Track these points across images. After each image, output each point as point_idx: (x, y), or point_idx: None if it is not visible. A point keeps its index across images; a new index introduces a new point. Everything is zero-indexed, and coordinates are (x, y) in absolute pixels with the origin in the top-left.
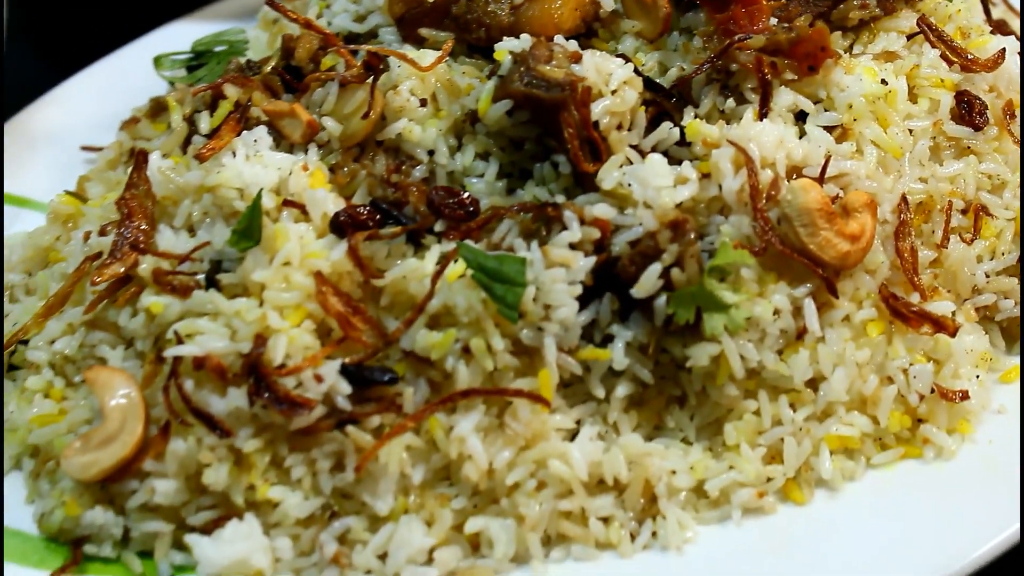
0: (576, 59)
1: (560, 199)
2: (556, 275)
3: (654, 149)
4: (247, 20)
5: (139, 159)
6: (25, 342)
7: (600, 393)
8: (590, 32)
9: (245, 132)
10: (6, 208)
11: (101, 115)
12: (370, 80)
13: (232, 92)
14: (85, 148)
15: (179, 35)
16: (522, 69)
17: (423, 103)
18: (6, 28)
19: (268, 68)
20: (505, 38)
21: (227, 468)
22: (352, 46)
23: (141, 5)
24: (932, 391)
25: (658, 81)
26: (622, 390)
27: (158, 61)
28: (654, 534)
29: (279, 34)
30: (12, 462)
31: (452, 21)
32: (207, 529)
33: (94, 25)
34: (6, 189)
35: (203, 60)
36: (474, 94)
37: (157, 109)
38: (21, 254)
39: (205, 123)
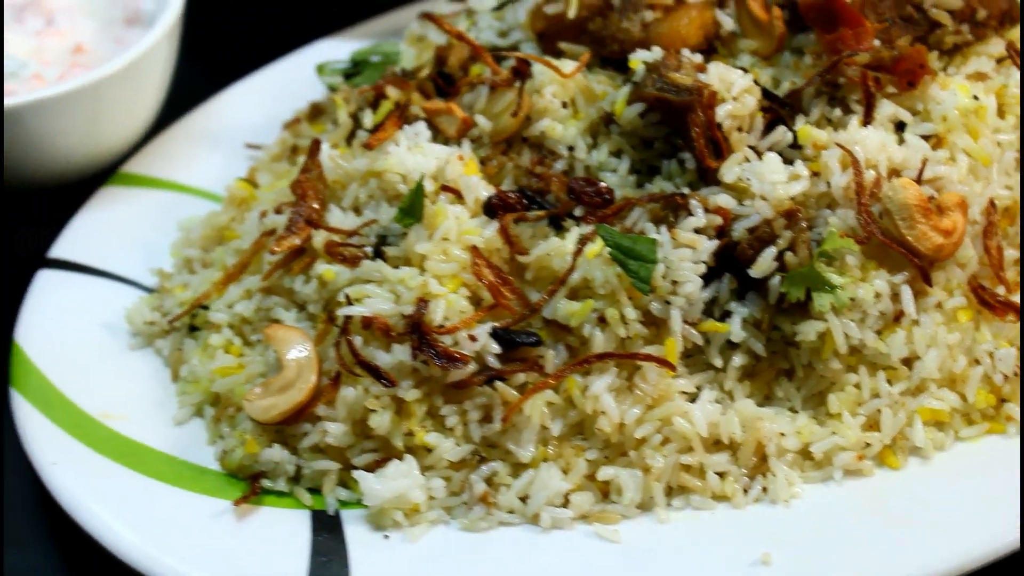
0: (701, 69)
1: (686, 191)
2: (683, 255)
3: (770, 150)
4: (390, 38)
5: (313, 147)
6: (205, 307)
7: (718, 363)
8: (710, 49)
9: (406, 126)
10: (181, 195)
11: (260, 119)
12: (518, 84)
13: (392, 92)
14: (249, 146)
15: (328, 51)
16: (654, 76)
17: (564, 105)
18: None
19: (423, 74)
20: (637, 50)
21: (389, 415)
22: (501, 54)
23: (294, 26)
24: (1015, 373)
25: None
26: (737, 360)
27: (320, 68)
28: (764, 489)
29: (425, 50)
30: (194, 409)
31: (588, 36)
32: (370, 468)
33: (251, 42)
34: (181, 179)
35: (360, 69)
36: (609, 99)
37: (316, 112)
38: (199, 232)
39: (368, 119)
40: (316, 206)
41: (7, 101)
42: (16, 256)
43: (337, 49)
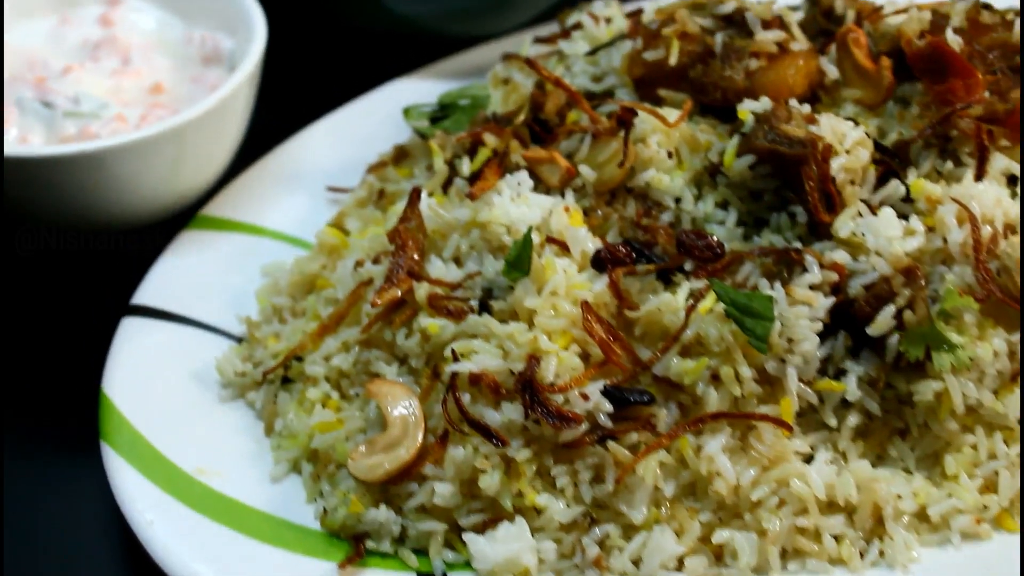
0: (812, 120)
1: (798, 246)
2: (799, 312)
3: (882, 204)
4: (468, 79)
5: (413, 196)
6: (300, 359)
7: (833, 422)
8: (813, 98)
9: (508, 175)
10: (262, 239)
11: (340, 160)
12: (622, 133)
13: (490, 140)
14: (331, 189)
15: (406, 91)
16: (765, 127)
17: (669, 155)
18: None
19: (519, 120)
20: (745, 100)
21: (499, 475)
22: (603, 103)
23: (370, 65)
24: None
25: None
26: (852, 420)
27: (407, 112)
28: (881, 553)
29: (512, 92)
30: (290, 465)
31: (689, 83)
32: (479, 529)
33: (328, 81)
34: (262, 223)
35: (448, 112)
36: (715, 149)
37: (401, 155)
38: (287, 279)
39: (466, 166)
40: (416, 257)
41: (94, 144)
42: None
43: (415, 88)
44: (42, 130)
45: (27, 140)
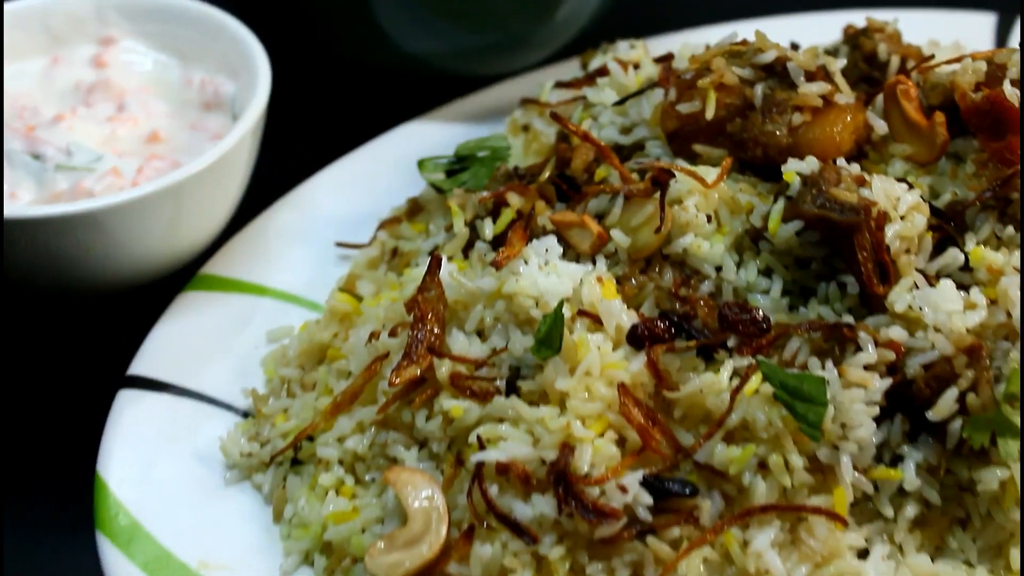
0: (862, 183)
1: (847, 319)
2: (854, 395)
3: (939, 274)
4: (484, 121)
5: (433, 263)
6: (311, 438)
7: (889, 512)
8: (860, 154)
9: (535, 240)
10: (268, 300)
11: (349, 211)
12: (657, 194)
13: (514, 200)
14: (340, 245)
15: (418, 135)
16: (813, 191)
17: (709, 218)
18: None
19: (544, 177)
20: (790, 160)
21: (530, 574)
22: (639, 163)
23: (379, 108)
24: None
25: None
26: (910, 510)
27: (422, 164)
28: None
29: (533, 141)
30: (302, 557)
31: (727, 139)
32: None
33: (333, 125)
34: (267, 282)
35: (466, 164)
36: (757, 212)
37: (415, 209)
38: (296, 348)
39: (488, 229)
40: (436, 330)
41: (89, 204)
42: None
43: (428, 132)
44: (32, 185)
45: (16, 196)
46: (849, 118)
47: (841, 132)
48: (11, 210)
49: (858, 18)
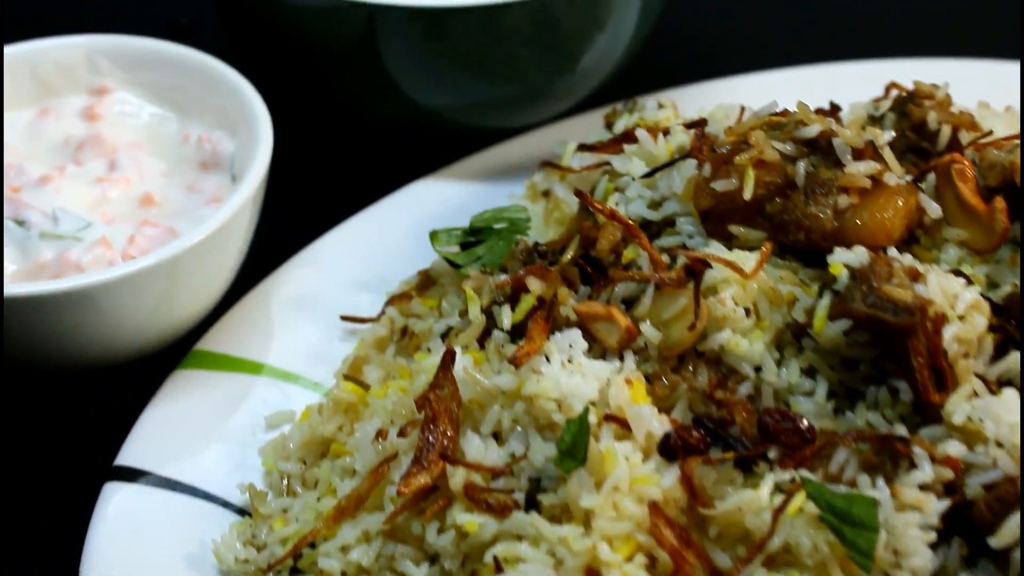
0: (917, 276)
1: (900, 428)
2: (908, 519)
3: (1000, 380)
4: (499, 178)
5: (446, 359)
6: (312, 545)
7: None
8: (911, 238)
9: (557, 333)
10: (267, 380)
11: (353, 280)
12: (691, 286)
13: (535, 286)
14: (345, 319)
15: (426, 194)
16: (863, 288)
17: (748, 312)
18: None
19: (567, 258)
20: (836, 250)
21: None
22: (672, 249)
23: (384, 165)
24: None
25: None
26: None
27: (434, 236)
28: None
29: (554, 210)
30: None
31: (766, 220)
32: None
33: (335, 183)
34: (266, 359)
35: (482, 237)
36: (799, 305)
37: (426, 282)
38: (297, 440)
39: (506, 317)
40: (449, 432)
41: (76, 281)
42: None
43: (439, 191)
44: (14, 254)
45: None
46: (901, 202)
47: (892, 218)
48: None
49: (890, 69)
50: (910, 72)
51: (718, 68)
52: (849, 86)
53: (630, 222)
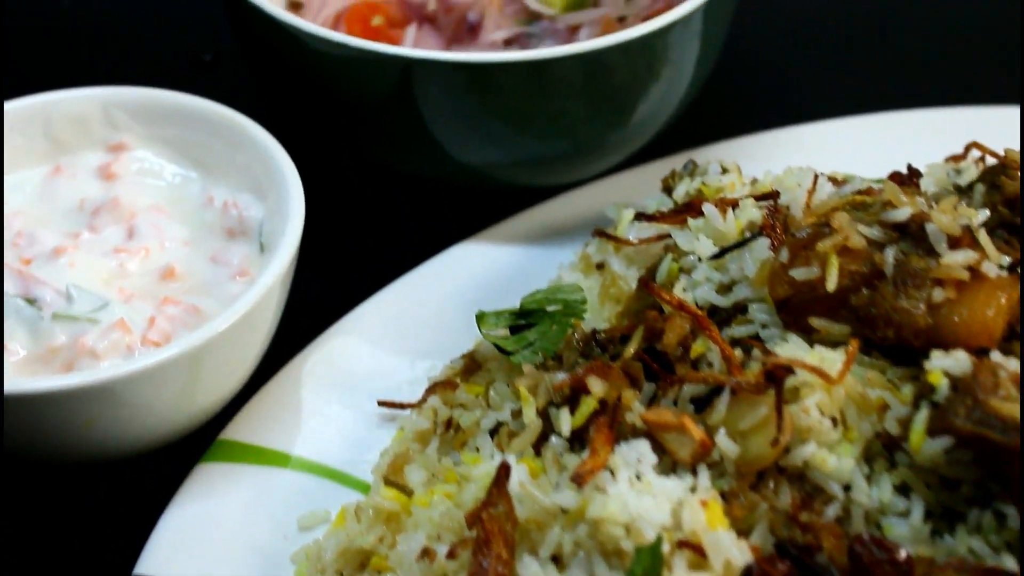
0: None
1: (1007, 559)
2: None
3: None
4: (548, 241)
5: (501, 475)
6: None
7: None
8: (1011, 334)
9: (623, 443)
10: (297, 474)
11: (391, 359)
12: (772, 392)
13: (596, 387)
14: (383, 404)
15: (469, 257)
16: (968, 401)
17: (834, 422)
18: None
19: (630, 351)
20: (934, 354)
21: None
22: (746, 340)
23: (423, 224)
24: None
25: None
26: None
27: (481, 319)
28: None
29: (611, 286)
30: None
31: (851, 312)
32: None
33: (369, 246)
34: (296, 450)
35: (533, 320)
36: (891, 414)
37: (472, 367)
38: (334, 550)
39: (565, 422)
40: (504, 555)
41: (91, 376)
42: None
43: (484, 254)
44: (25, 337)
45: (6, 349)
46: (1003, 299)
47: (994, 316)
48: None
49: (950, 117)
50: (971, 121)
51: (776, 115)
52: (914, 134)
53: (700, 313)
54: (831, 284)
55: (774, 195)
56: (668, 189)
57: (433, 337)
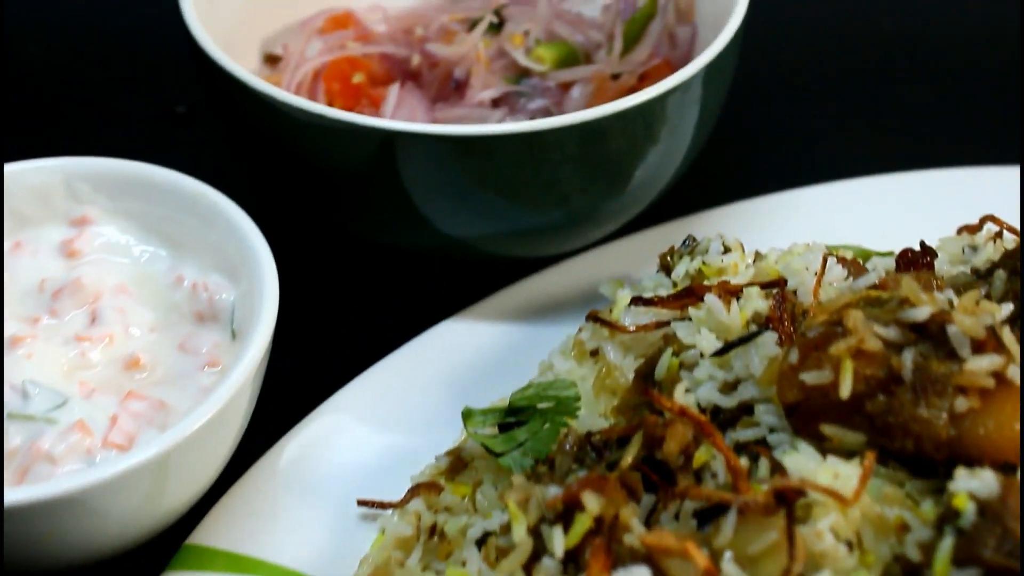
0: None
1: None
2: None
3: None
4: (538, 317)
5: None
6: None
7: None
8: None
9: (621, 569)
10: None
11: (372, 452)
12: (782, 514)
13: (592, 504)
14: (363, 503)
15: (455, 337)
16: (997, 530)
17: (850, 546)
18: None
19: (627, 461)
20: (959, 472)
21: None
22: (752, 446)
23: (405, 300)
24: None
25: None
26: None
27: (467, 415)
28: None
29: (606, 377)
30: None
31: (865, 420)
32: None
33: (353, 322)
34: (269, 556)
35: (523, 418)
36: (912, 536)
37: (457, 466)
38: None
39: (558, 541)
40: None
41: (47, 489)
42: None
43: (471, 333)
44: None
45: None
46: None
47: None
48: None
49: (950, 179)
50: (975, 182)
51: (775, 177)
52: (918, 196)
53: (703, 419)
54: (845, 391)
55: (780, 283)
56: (666, 268)
57: (417, 426)
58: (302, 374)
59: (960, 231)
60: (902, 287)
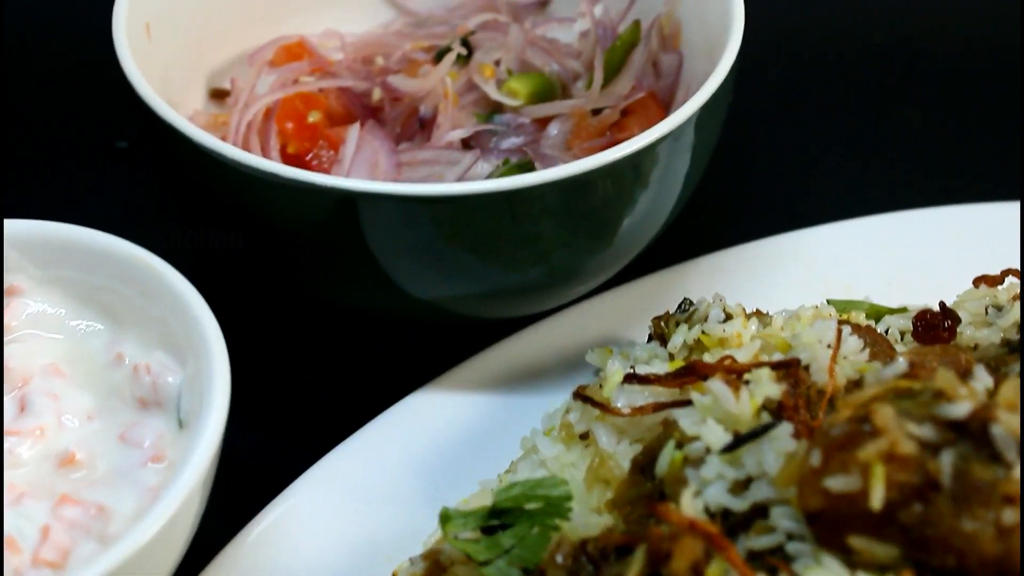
0: None
1: None
2: None
3: None
4: (517, 386)
5: None
6: None
7: None
8: None
9: None
10: None
11: (337, 548)
12: None
13: None
14: None
15: (427, 411)
16: None
17: None
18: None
19: (633, 571)
20: None
21: None
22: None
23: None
24: None
25: None
26: None
27: (446, 518)
28: None
29: (600, 467)
30: None
31: (899, 531)
32: None
33: (313, 395)
34: None
35: (509, 520)
36: None
37: (435, 571)
38: None
39: None
40: None
41: None
42: None
43: (444, 406)
44: None
45: None
46: None
47: None
48: None
49: (951, 215)
50: (976, 218)
51: (767, 215)
52: (917, 235)
53: (715, 531)
54: (877, 502)
55: (793, 363)
56: (660, 336)
57: (388, 514)
58: (261, 452)
59: (977, 282)
60: (937, 378)
